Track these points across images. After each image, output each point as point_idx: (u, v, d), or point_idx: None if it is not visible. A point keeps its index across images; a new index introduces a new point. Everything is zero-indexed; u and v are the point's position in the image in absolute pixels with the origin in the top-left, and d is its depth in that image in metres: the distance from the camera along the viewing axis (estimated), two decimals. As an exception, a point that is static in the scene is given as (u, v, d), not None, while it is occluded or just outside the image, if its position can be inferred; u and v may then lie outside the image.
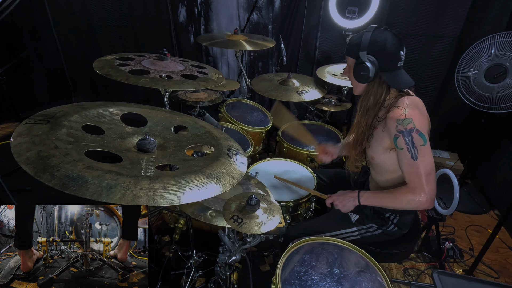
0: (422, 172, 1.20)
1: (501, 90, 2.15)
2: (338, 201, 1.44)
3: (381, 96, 1.31)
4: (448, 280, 1.25)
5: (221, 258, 1.36)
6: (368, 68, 1.24)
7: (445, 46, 2.74)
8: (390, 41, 1.23)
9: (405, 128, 1.21)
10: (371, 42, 1.23)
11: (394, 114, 1.24)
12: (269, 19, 3.09)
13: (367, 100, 1.34)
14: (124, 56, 1.62)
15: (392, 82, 1.28)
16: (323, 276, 1.14)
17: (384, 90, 1.31)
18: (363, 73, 1.26)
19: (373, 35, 1.24)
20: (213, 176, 0.93)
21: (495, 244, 2.22)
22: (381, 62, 1.25)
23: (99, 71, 1.43)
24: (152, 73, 1.50)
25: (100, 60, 1.52)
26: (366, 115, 1.35)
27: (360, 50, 1.25)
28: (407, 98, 1.29)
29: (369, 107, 1.33)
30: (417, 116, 1.23)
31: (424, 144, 1.21)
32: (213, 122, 1.53)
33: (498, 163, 2.60)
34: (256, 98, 3.12)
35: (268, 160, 2.03)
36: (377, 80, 1.29)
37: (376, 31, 1.25)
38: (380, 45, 1.23)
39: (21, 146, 0.82)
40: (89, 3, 3.39)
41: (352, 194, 1.40)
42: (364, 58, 1.24)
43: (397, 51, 1.24)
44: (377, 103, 1.32)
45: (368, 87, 1.33)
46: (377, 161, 1.40)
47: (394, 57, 1.25)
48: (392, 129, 1.24)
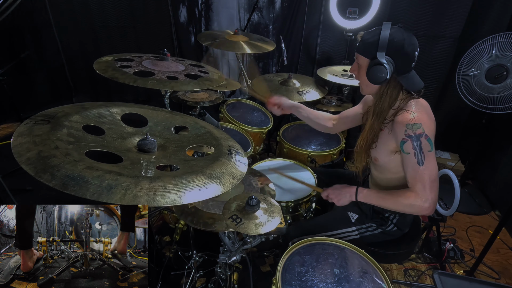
0: (427, 178, 1.18)
1: (502, 90, 2.14)
2: (334, 195, 1.42)
3: (396, 98, 1.28)
4: (449, 281, 1.25)
5: (221, 259, 1.36)
6: (386, 70, 1.17)
7: (446, 47, 2.74)
8: (407, 41, 1.18)
9: (414, 133, 1.18)
10: (389, 41, 1.17)
11: (403, 118, 1.21)
12: (269, 20, 3.09)
13: (381, 103, 1.29)
14: (122, 57, 1.62)
15: (407, 84, 1.24)
16: (324, 276, 1.13)
17: (398, 92, 1.27)
18: (381, 75, 1.19)
19: (391, 34, 1.17)
20: (214, 177, 0.93)
21: (496, 245, 2.22)
22: (398, 63, 1.19)
23: (103, 74, 1.40)
24: (157, 74, 1.50)
25: (99, 62, 1.50)
26: (379, 118, 1.31)
27: (378, 50, 1.18)
28: (414, 101, 1.26)
29: (383, 110, 1.29)
30: (427, 121, 1.21)
31: (431, 150, 1.19)
32: (213, 123, 1.53)
33: (499, 163, 2.59)
34: (257, 99, 3.12)
35: (268, 160, 2.03)
36: (392, 81, 1.25)
37: (393, 29, 1.18)
38: (398, 46, 1.17)
39: (22, 146, 0.82)
40: (90, 3, 3.39)
41: (349, 190, 1.38)
42: (382, 59, 1.17)
43: (413, 52, 1.19)
44: (391, 105, 1.28)
45: (382, 89, 1.28)
46: (381, 163, 1.38)
47: (411, 58, 1.20)
48: (400, 133, 1.21)
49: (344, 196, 1.39)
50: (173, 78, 1.51)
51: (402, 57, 1.19)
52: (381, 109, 1.29)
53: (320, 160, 2.11)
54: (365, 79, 1.27)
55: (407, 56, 1.19)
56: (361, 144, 1.39)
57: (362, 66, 1.28)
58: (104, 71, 1.42)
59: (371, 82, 1.25)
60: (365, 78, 1.26)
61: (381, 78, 1.20)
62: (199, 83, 1.55)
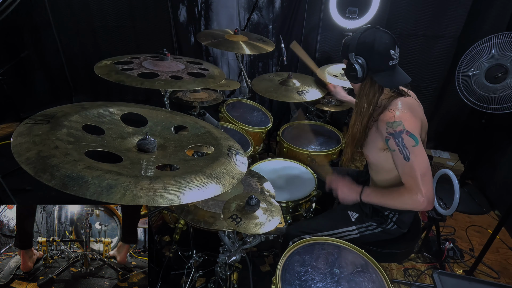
0: (417, 172, 1.20)
1: (502, 90, 2.15)
2: (341, 190, 1.43)
3: (374, 96, 1.33)
4: (448, 281, 1.25)
5: (221, 258, 1.36)
6: (356, 69, 1.26)
7: (445, 47, 2.74)
8: (378, 41, 1.24)
9: (395, 131, 1.22)
10: (359, 43, 1.25)
11: (384, 116, 1.26)
12: (269, 19, 3.09)
13: (359, 101, 1.36)
14: (120, 60, 1.61)
15: (382, 82, 1.29)
16: (323, 276, 1.14)
17: (376, 90, 1.32)
18: (352, 73, 1.29)
19: (362, 37, 1.26)
20: (213, 176, 0.93)
21: (495, 245, 2.22)
22: (370, 63, 1.27)
23: (108, 78, 1.40)
24: (161, 75, 1.50)
25: (99, 67, 1.48)
26: (360, 115, 1.36)
27: (348, 52, 1.27)
28: (400, 100, 1.30)
29: (362, 108, 1.35)
30: (408, 118, 1.24)
31: (416, 145, 1.21)
32: (213, 122, 1.53)
33: (498, 163, 2.60)
34: (257, 98, 3.12)
35: (268, 160, 2.03)
36: (368, 80, 1.31)
37: (367, 31, 1.26)
38: (368, 46, 1.25)
39: (21, 146, 0.82)
40: (89, 3, 3.39)
41: (357, 189, 1.40)
42: (352, 60, 1.27)
43: (386, 50, 1.25)
44: (371, 103, 1.33)
45: (361, 88, 1.35)
46: (372, 160, 1.42)
47: (384, 56, 1.25)
48: (383, 131, 1.26)
49: (351, 194, 1.40)
50: (177, 77, 1.51)
51: (373, 56, 1.25)
52: (360, 107, 1.36)
53: (320, 160, 2.11)
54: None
55: (379, 54, 1.25)
56: (347, 141, 1.48)
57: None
58: (108, 75, 1.41)
59: (350, 81, 1.36)
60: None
61: (353, 77, 1.30)
62: (204, 81, 1.56)
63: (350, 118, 2.82)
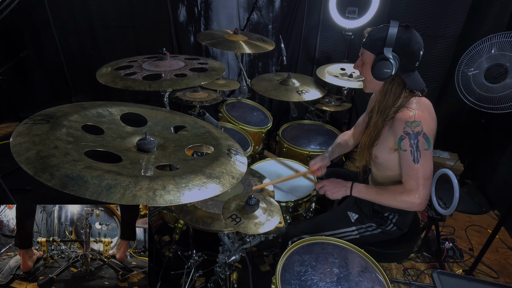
0: (421, 176, 1.19)
1: (501, 90, 2.15)
2: (328, 188, 1.43)
3: (399, 96, 1.28)
4: (448, 280, 1.25)
5: (220, 258, 1.36)
6: (392, 65, 1.18)
7: (445, 46, 2.74)
8: (414, 39, 1.19)
9: (413, 131, 1.19)
10: (397, 38, 1.18)
11: (403, 115, 1.22)
12: (269, 19, 3.09)
13: (385, 100, 1.29)
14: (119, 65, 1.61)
15: (410, 82, 1.25)
16: (323, 276, 1.14)
17: (401, 90, 1.28)
18: (386, 70, 1.20)
19: (399, 31, 1.18)
20: (213, 176, 0.93)
21: (495, 244, 2.22)
22: (403, 61, 1.20)
23: (114, 86, 1.38)
24: (166, 75, 1.50)
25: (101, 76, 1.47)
26: (383, 115, 1.31)
27: (385, 46, 1.19)
28: (416, 99, 1.26)
29: (387, 106, 1.29)
30: (426, 120, 1.21)
31: (428, 149, 1.20)
32: (213, 122, 1.53)
33: (498, 163, 2.60)
34: (256, 98, 3.12)
35: (268, 160, 2.03)
36: (397, 79, 1.26)
37: (401, 27, 1.19)
38: (405, 43, 1.18)
39: (21, 146, 0.82)
40: (89, 2, 3.38)
41: (345, 184, 1.40)
42: (388, 55, 1.18)
43: (419, 51, 1.21)
44: (395, 102, 1.29)
45: (386, 86, 1.29)
46: (381, 161, 1.38)
47: (416, 56, 1.21)
48: (398, 130, 1.22)
49: (339, 190, 1.40)
50: (182, 75, 1.51)
51: (407, 55, 1.20)
52: (385, 106, 1.30)
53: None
54: (369, 75, 1.28)
55: (412, 54, 1.21)
56: (365, 141, 1.39)
57: (367, 62, 1.28)
58: (113, 82, 1.41)
59: (376, 78, 1.25)
60: (370, 74, 1.27)
61: (386, 74, 1.21)
62: (208, 75, 1.57)
63: (349, 118, 2.85)
